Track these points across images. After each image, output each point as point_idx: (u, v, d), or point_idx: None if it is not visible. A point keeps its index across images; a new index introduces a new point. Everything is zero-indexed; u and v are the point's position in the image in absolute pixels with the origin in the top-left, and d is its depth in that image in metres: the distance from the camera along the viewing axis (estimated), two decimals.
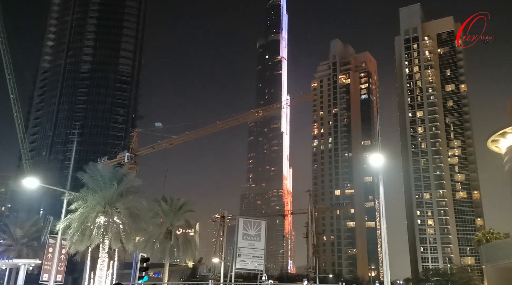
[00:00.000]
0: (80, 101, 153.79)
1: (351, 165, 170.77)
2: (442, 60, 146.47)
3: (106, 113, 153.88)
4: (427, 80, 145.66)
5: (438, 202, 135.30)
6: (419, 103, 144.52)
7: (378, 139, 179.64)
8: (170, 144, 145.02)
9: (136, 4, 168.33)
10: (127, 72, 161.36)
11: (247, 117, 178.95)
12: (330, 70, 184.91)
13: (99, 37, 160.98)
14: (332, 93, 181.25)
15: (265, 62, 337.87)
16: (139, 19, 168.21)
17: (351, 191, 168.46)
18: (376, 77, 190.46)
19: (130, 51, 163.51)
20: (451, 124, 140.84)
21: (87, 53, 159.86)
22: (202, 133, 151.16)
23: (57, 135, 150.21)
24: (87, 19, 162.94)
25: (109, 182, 38.26)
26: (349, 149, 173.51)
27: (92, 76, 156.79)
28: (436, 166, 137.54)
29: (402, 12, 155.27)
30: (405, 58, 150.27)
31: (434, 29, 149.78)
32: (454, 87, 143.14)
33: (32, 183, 32.88)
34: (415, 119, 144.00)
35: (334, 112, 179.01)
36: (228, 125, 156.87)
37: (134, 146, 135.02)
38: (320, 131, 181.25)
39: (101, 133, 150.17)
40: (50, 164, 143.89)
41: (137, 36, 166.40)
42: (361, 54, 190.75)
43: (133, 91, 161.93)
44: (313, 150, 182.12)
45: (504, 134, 74.46)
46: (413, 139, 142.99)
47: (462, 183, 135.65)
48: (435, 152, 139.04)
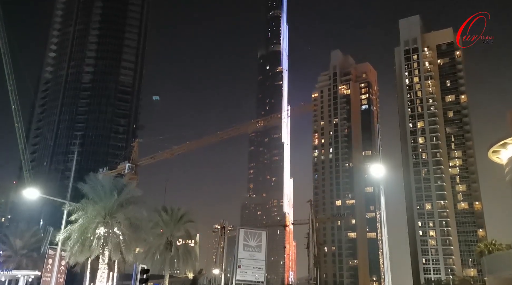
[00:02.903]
0: (81, 111, 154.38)
1: (352, 175, 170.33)
2: (442, 71, 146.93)
3: (107, 123, 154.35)
4: (427, 90, 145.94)
5: (440, 213, 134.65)
6: (420, 113, 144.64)
7: (379, 149, 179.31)
8: (170, 154, 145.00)
9: (137, 15, 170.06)
10: (128, 83, 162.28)
11: (248, 127, 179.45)
12: (330, 81, 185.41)
13: (101, 47, 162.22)
14: (333, 104, 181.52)
15: (265, 73, 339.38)
16: (140, 30, 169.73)
17: (352, 201, 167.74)
18: (376, 87, 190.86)
19: (131, 61, 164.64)
20: (451, 135, 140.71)
21: (89, 64, 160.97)
22: (202, 143, 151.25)
23: (58, 145, 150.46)
24: (89, 30, 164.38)
25: (109, 192, 38.20)
26: (350, 159, 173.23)
27: (93, 86, 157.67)
28: (437, 177, 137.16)
29: (401, 23, 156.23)
30: (405, 69, 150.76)
31: (434, 40, 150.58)
32: (454, 98, 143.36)
33: (32, 193, 32.86)
34: (416, 130, 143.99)
35: (335, 123, 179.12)
36: (229, 135, 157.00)
37: (134, 156, 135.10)
38: (321, 141, 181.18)
39: (102, 143, 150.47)
40: (50, 174, 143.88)
41: (138, 46, 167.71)
42: (361, 64, 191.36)
43: (134, 101, 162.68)
44: (314, 160, 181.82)
45: (505, 145, 74.25)
46: (414, 150, 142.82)
47: (464, 194, 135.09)
48: (436, 162, 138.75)
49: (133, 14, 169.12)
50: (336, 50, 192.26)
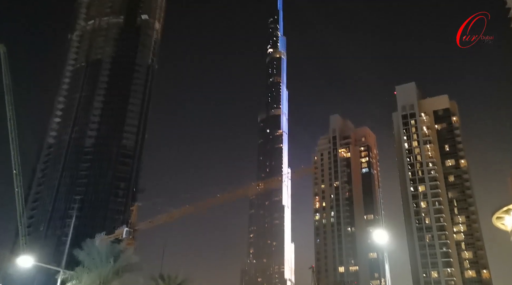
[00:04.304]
0: (82, 175, 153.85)
1: (355, 240, 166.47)
2: (440, 135, 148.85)
3: (106, 186, 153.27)
4: (426, 155, 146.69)
5: (447, 281, 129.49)
6: (420, 177, 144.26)
7: (381, 213, 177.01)
8: (170, 218, 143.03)
9: (142, 82, 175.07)
10: (130, 146, 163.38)
11: (249, 190, 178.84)
12: (330, 144, 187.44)
13: (105, 112, 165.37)
14: (333, 167, 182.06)
15: (266, 136, 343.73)
16: (144, 96, 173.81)
17: (355, 267, 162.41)
18: (376, 151, 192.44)
19: (134, 125, 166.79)
20: (454, 199, 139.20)
21: (92, 129, 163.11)
22: (202, 206, 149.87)
23: (56, 210, 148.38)
24: (95, 96, 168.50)
25: (105, 259, 37.39)
26: (352, 223, 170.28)
27: (95, 150, 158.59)
28: (442, 243, 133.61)
29: (398, 90, 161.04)
30: (404, 133, 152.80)
31: (430, 106, 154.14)
32: (454, 162, 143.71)
33: (26, 261, 32.00)
34: (417, 194, 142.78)
35: (336, 186, 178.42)
36: (229, 198, 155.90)
37: (133, 220, 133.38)
38: (322, 204, 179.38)
39: (101, 207, 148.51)
40: (47, 240, 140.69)
41: (141, 111, 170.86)
42: (360, 128, 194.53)
43: (135, 164, 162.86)
44: (315, 224, 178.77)
45: (509, 211, 73.50)
46: (416, 215, 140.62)
47: (470, 261, 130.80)
48: (440, 228, 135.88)
49: (138, 81, 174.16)
50: (335, 114, 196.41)
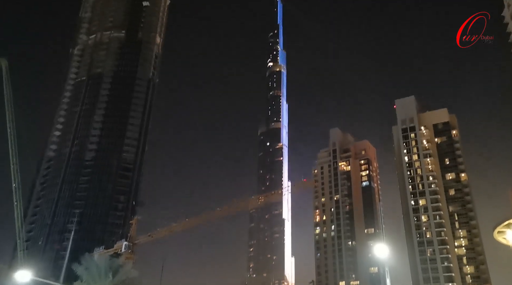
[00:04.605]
0: (81, 189, 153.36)
1: (355, 254, 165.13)
2: (440, 149, 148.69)
3: (106, 200, 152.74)
4: (427, 168, 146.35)
5: None
6: (421, 191, 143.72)
7: (382, 227, 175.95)
8: (169, 231, 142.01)
9: (143, 95, 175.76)
10: (130, 159, 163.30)
11: (248, 203, 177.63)
12: (330, 157, 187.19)
13: (105, 126, 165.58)
14: (333, 180, 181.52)
15: (266, 149, 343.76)
16: (145, 109, 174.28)
17: (356, 282, 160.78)
18: (376, 164, 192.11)
19: (135, 138, 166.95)
20: (455, 213, 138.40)
21: (93, 142, 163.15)
22: (202, 220, 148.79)
23: (55, 224, 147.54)
24: (95, 110, 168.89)
25: (104, 273, 37.20)
26: (353, 237, 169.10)
27: (95, 163, 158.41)
28: (443, 257, 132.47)
29: (398, 103, 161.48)
30: (404, 146, 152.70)
31: (430, 119, 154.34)
32: (455, 176, 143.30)
33: (24, 276, 31.75)
34: (418, 208, 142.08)
35: (336, 199, 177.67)
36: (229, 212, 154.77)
37: (132, 233, 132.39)
38: (322, 218, 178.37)
39: (100, 221, 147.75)
40: (45, 254, 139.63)
41: (142, 124, 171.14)
42: (360, 142, 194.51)
43: (135, 177, 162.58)
44: (316, 238, 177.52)
45: (510, 226, 72.74)
46: (417, 228, 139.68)
47: (472, 276, 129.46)
48: (441, 242, 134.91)
49: (139, 94, 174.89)
50: (335, 128, 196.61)
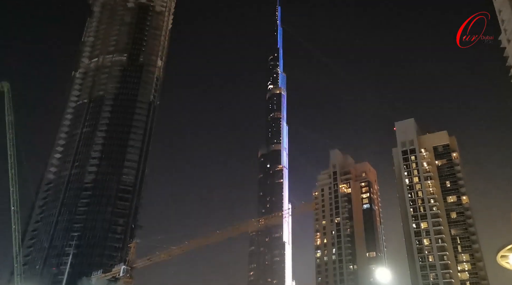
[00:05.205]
0: (80, 211, 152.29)
1: (357, 278, 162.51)
2: (441, 171, 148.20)
3: (105, 223, 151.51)
4: (428, 191, 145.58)
5: None
6: (422, 214, 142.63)
7: (383, 250, 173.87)
8: (168, 255, 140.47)
9: (143, 118, 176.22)
10: (130, 182, 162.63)
11: (248, 226, 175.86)
12: (330, 179, 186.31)
13: (106, 148, 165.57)
14: (334, 202, 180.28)
15: (266, 171, 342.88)
16: (145, 131, 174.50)
17: None
18: (376, 186, 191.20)
19: (135, 161, 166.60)
20: (457, 237, 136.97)
21: (93, 164, 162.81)
22: (201, 243, 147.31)
23: (53, 247, 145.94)
24: (96, 132, 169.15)
25: None
26: (354, 261, 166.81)
27: (95, 186, 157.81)
28: (446, 282, 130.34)
29: (397, 126, 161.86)
30: (404, 169, 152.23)
31: (430, 142, 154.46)
32: (456, 198, 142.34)
33: None
34: (420, 231, 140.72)
35: (337, 222, 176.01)
36: (229, 234, 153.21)
37: (131, 257, 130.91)
38: (323, 241, 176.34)
39: (98, 244, 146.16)
40: (42, 278, 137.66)
41: (142, 147, 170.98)
42: (360, 164, 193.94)
43: (134, 200, 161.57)
44: (317, 261, 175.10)
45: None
46: (419, 252, 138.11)
47: None
48: (443, 266, 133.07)
49: (139, 117, 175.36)
50: (335, 149, 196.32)
